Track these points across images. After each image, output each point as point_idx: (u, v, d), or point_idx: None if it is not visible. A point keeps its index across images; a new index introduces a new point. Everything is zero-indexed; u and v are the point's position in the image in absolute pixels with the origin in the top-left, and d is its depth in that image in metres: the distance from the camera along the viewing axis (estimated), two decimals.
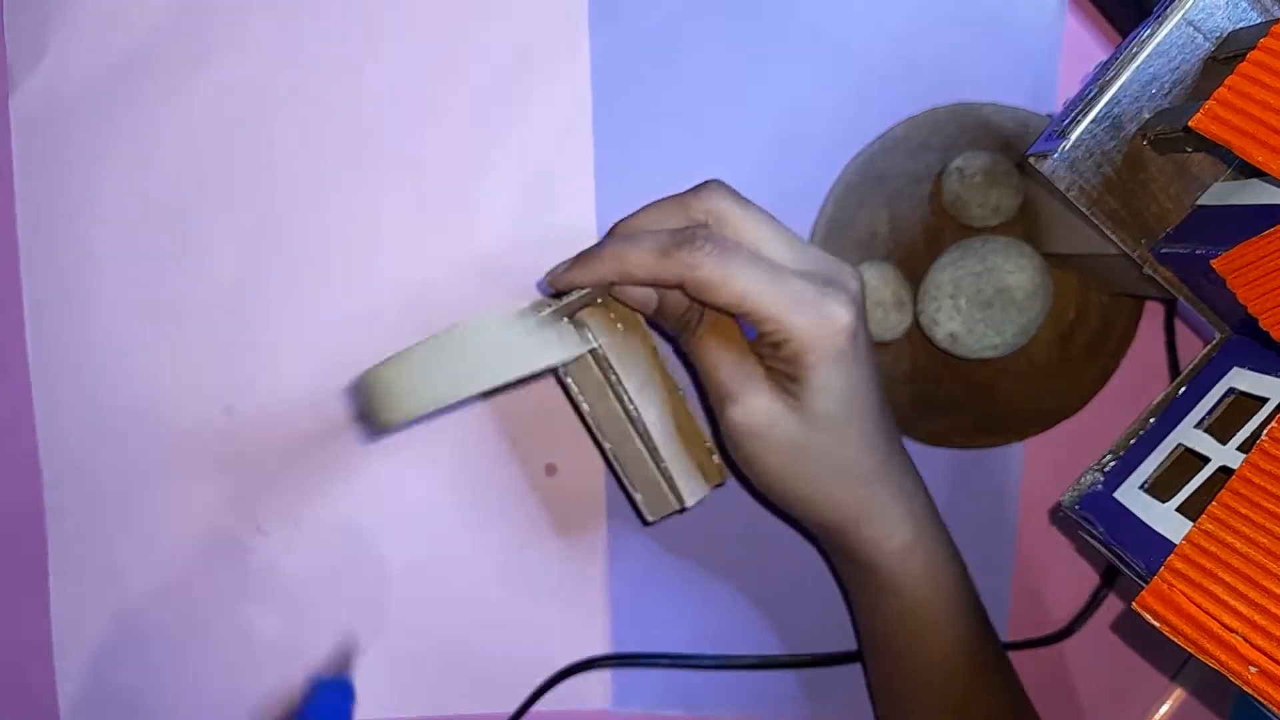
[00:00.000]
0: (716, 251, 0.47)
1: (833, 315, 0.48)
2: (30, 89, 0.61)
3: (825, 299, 0.48)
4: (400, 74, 0.62)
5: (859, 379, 0.51)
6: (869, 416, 0.52)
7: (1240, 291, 0.42)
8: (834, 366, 0.49)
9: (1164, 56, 0.48)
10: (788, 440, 0.51)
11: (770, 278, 0.48)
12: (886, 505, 0.54)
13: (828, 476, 0.52)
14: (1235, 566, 0.39)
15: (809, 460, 0.52)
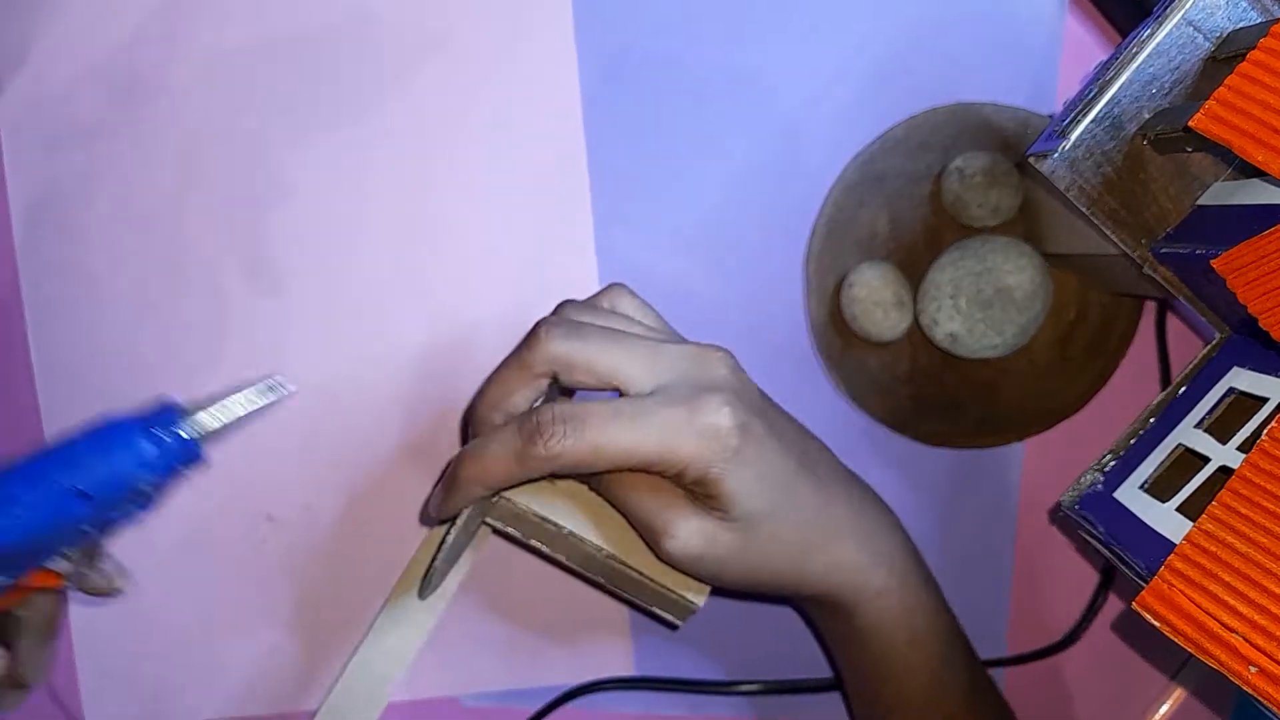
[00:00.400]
0: (571, 430, 0.45)
1: (713, 428, 0.46)
2: (16, 92, 0.61)
3: (697, 413, 0.46)
4: (390, 73, 0.62)
5: (772, 459, 0.49)
6: (802, 483, 0.51)
7: (1240, 291, 0.42)
8: (739, 469, 0.47)
9: (1164, 56, 0.48)
10: (732, 550, 0.50)
11: (634, 424, 0.46)
12: (853, 558, 0.53)
13: (787, 559, 0.51)
14: (1235, 566, 0.39)
15: (762, 555, 0.51)
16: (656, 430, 0.46)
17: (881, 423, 0.64)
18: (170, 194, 0.62)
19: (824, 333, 0.63)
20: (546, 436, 0.45)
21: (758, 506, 0.49)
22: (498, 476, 0.48)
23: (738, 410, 0.47)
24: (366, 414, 0.63)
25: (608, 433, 0.46)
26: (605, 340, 0.48)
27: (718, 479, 0.47)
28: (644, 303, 0.55)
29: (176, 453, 0.47)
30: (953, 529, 0.66)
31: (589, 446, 0.46)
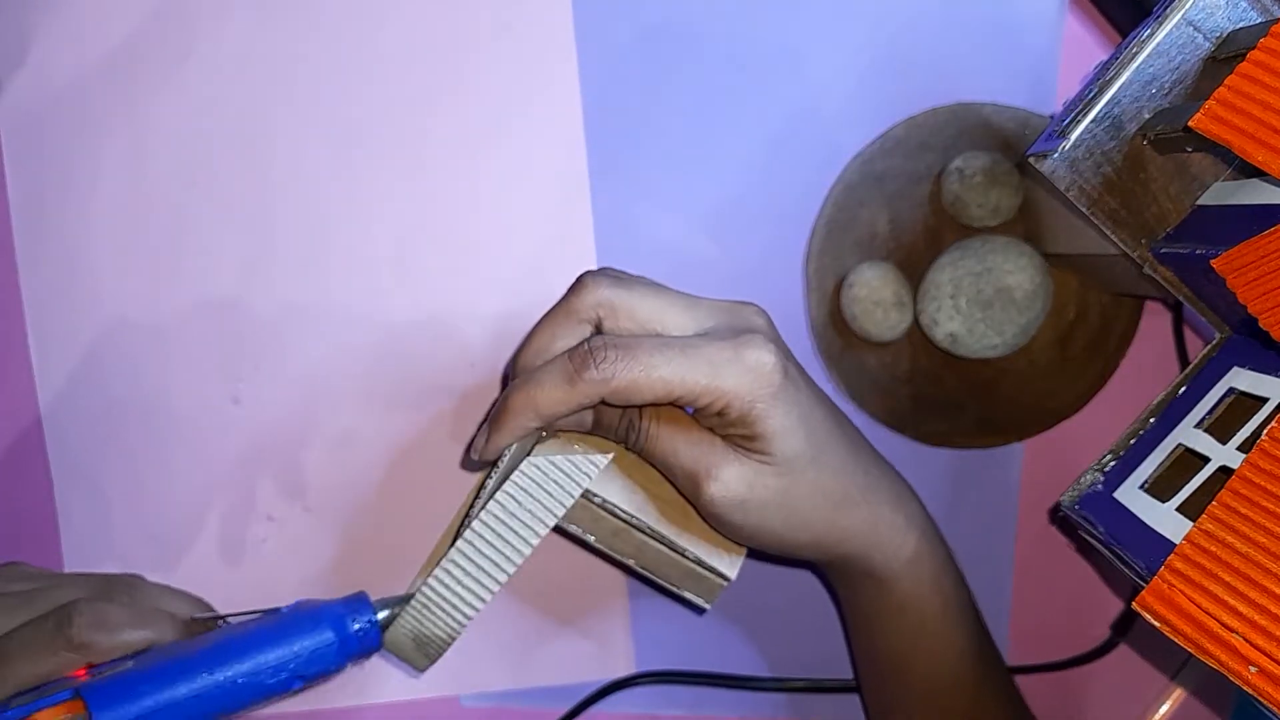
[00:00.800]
0: (621, 356, 0.46)
1: (758, 363, 0.47)
2: (16, 89, 0.61)
3: (743, 350, 0.47)
4: (389, 64, 0.62)
5: (810, 406, 0.50)
6: (837, 437, 0.52)
7: (1240, 291, 0.42)
8: (782, 407, 0.48)
9: (1164, 56, 0.48)
10: (774, 496, 0.50)
11: (683, 355, 0.47)
12: (890, 518, 0.54)
13: (829, 511, 0.52)
14: (1235, 566, 0.39)
15: (804, 505, 0.51)
16: (705, 362, 0.47)
17: (881, 423, 0.64)
18: (170, 191, 0.62)
19: (824, 332, 0.63)
20: (599, 360, 0.46)
21: (799, 448, 0.49)
22: (550, 403, 0.48)
23: (779, 352, 0.48)
24: (366, 412, 0.63)
25: (657, 360, 0.46)
26: (648, 288, 0.50)
27: (762, 415, 0.48)
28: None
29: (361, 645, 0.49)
30: (953, 529, 0.66)
31: (640, 371, 0.46)
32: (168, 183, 0.62)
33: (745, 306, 0.51)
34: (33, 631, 0.46)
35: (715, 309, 0.50)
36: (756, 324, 0.50)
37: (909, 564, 0.55)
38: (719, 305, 0.51)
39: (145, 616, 0.48)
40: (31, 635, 0.46)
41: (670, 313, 0.49)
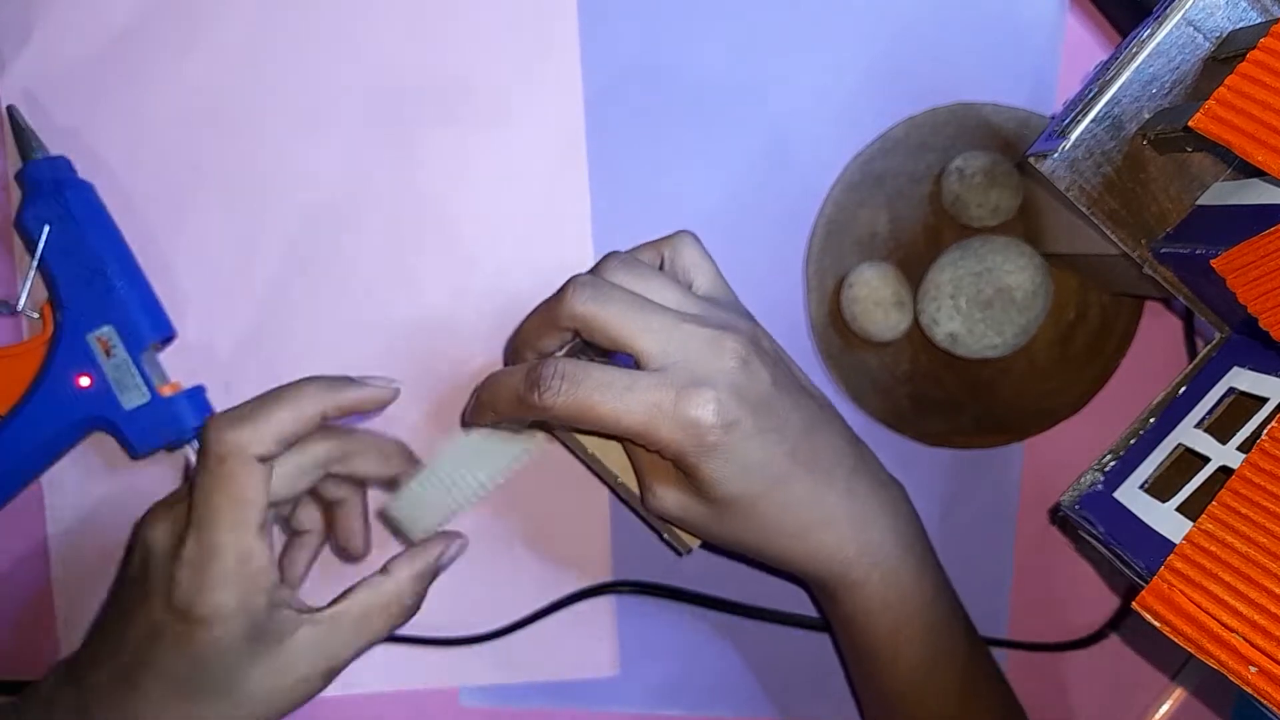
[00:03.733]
0: (566, 388, 0.48)
1: (695, 420, 0.48)
2: (19, 72, 0.61)
3: (683, 404, 0.48)
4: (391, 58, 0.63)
5: (757, 453, 0.50)
6: (798, 473, 0.51)
7: (1240, 291, 0.42)
8: (716, 460, 0.49)
9: (1164, 56, 0.49)
10: (713, 525, 0.52)
11: (623, 398, 0.48)
12: (840, 548, 0.53)
13: (783, 539, 0.53)
14: (1235, 566, 0.39)
15: (750, 535, 0.53)
16: (641, 409, 0.48)
17: (881, 422, 0.64)
18: (171, 176, 0.62)
19: (824, 332, 0.63)
20: (543, 389, 0.48)
21: (734, 494, 0.50)
22: (503, 411, 0.52)
23: (727, 408, 0.48)
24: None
25: (595, 399, 0.48)
26: (625, 309, 0.50)
27: (693, 466, 0.49)
28: (704, 256, 0.56)
29: None
30: (953, 528, 0.66)
31: (578, 407, 0.48)
32: (170, 169, 0.62)
33: (724, 341, 0.50)
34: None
35: (690, 339, 0.49)
36: (723, 368, 0.49)
37: (851, 588, 0.54)
38: (698, 335, 0.50)
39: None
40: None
41: (642, 339, 0.49)
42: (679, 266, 0.55)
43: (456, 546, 0.57)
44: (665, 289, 0.52)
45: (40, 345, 0.58)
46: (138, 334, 0.58)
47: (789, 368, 0.55)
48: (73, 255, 0.58)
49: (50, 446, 0.59)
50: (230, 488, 0.49)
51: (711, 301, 0.54)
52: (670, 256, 0.55)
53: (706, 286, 0.55)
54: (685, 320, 0.50)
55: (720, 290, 0.55)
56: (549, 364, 0.49)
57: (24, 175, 0.58)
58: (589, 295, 0.50)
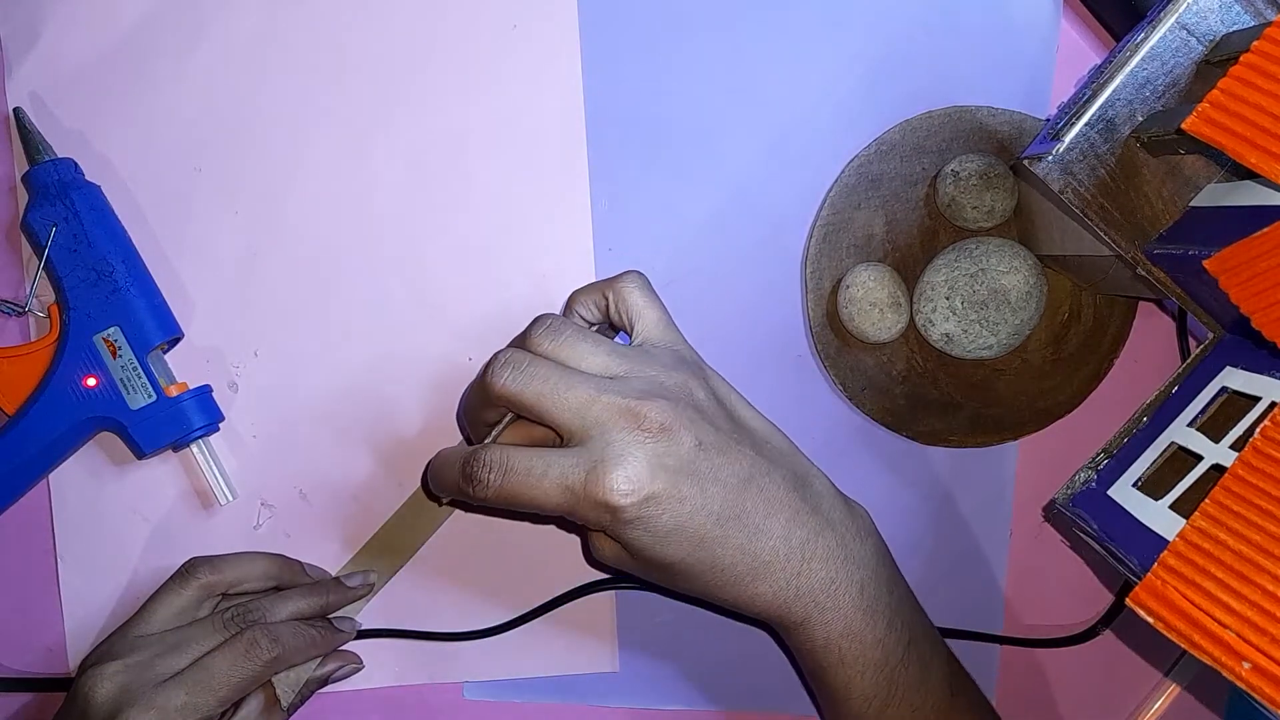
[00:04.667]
0: (494, 478, 0.50)
1: (601, 502, 0.49)
2: (26, 75, 0.61)
3: (592, 485, 0.49)
4: (395, 60, 0.63)
5: (680, 519, 0.50)
6: (720, 534, 0.51)
7: (1232, 291, 0.42)
8: (635, 529, 0.50)
9: (1158, 60, 0.49)
10: (651, 577, 0.55)
11: (540, 485, 0.50)
12: (776, 594, 0.53)
13: (721, 588, 0.53)
14: (1228, 563, 0.39)
15: (685, 584, 0.53)
16: (557, 493, 0.50)
17: (878, 422, 0.65)
18: (177, 179, 0.62)
19: (821, 333, 0.63)
20: (475, 482, 0.51)
21: (660, 557, 0.51)
22: (449, 493, 0.54)
23: (640, 483, 0.49)
24: (363, 403, 0.64)
25: (519, 487, 0.50)
26: (543, 387, 0.51)
27: (617, 536, 0.51)
28: (648, 299, 0.56)
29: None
30: (948, 527, 0.67)
31: (506, 496, 0.51)
32: (176, 170, 0.62)
33: (644, 410, 0.50)
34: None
35: (607, 412, 0.50)
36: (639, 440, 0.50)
37: (793, 629, 0.54)
38: (614, 408, 0.50)
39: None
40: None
41: (560, 416, 0.51)
42: (621, 310, 0.56)
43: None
44: (592, 354, 0.53)
45: (47, 346, 0.58)
46: (144, 335, 0.59)
47: (729, 414, 0.55)
48: (79, 257, 0.58)
49: (57, 446, 0.59)
50: None
51: (646, 352, 0.54)
52: (613, 300, 0.56)
53: (646, 331, 0.55)
54: (605, 391, 0.50)
55: (660, 334, 0.56)
56: (478, 456, 0.51)
57: (31, 177, 0.59)
58: (509, 376, 0.51)
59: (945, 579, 0.67)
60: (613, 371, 0.52)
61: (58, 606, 0.63)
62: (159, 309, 0.60)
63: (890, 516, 0.66)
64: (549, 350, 0.53)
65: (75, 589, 0.63)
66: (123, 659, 0.54)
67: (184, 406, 0.60)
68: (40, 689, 0.64)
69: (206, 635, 0.56)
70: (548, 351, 0.53)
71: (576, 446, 0.50)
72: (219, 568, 0.59)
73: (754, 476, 0.52)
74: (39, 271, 0.59)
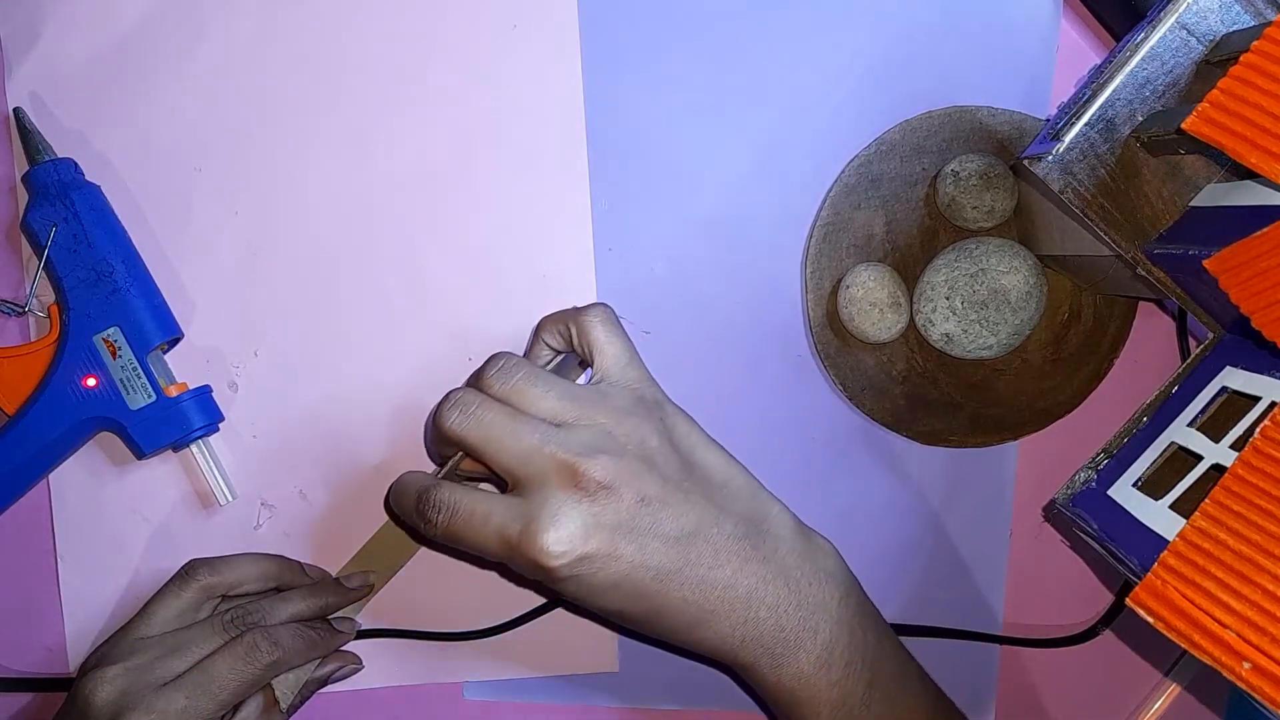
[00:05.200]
0: (442, 519, 0.51)
1: (535, 560, 0.49)
2: (26, 75, 0.62)
3: (526, 543, 0.49)
4: (395, 60, 0.63)
5: (616, 576, 0.50)
6: (660, 587, 0.51)
7: (1232, 291, 0.42)
8: (569, 586, 0.51)
9: (1158, 60, 0.49)
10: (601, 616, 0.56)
11: (482, 531, 0.51)
12: (722, 639, 0.53)
13: (672, 634, 0.53)
14: (1228, 563, 0.39)
15: (638, 627, 0.54)
16: (496, 543, 0.51)
17: (878, 422, 0.65)
18: (177, 179, 0.63)
19: (821, 333, 0.64)
20: (426, 521, 0.52)
21: (597, 608, 0.52)
22: (407, 520, 0.54)
23: (573, 544, 0.49)
24: (363, 402, 0.64)
25: (463, 530, 0.51)
26: (489, 433, 0.51)
27: (551, 588, 0.52)
28: (611, 334, 0.56)
29: None
30: (948, 527, 0.67)
31: (453, 537, 0.52)
32: (175, 172, 0.62)
33: (582, 468, 0.50)
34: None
35: (550, 466, 0.50)
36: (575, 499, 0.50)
37: (743, 669, 0.54)
38: (557, 462, 0.50)
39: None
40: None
41: (505, 463, 0.51)
42: (582, 344, 0.56)
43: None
44: (542, 398, 0.53)
45: (47, 346, 0.58)
46: (144, 335, 0.59)
47: (683, 460, 0.54)
48: (79, 257, 0.58)
49: (57, 446, 0.59)
50: None
51: (602, 394, 0.54)
52: (576, 333, 0.56)
53: (605, 368, 0.55)
54: (549, 442, 0.51)
55: (620, 373, 0.55)
56: (428, 496, 0.52)
57: (31, 177, 0.59)
58: (456, 418, 0.52)
59: (945, 579, 0.67)
60: (562, 418, 0.52)
61: (58, 607, 0.63)
62: (159, 309, 0.60)
63: (890, 516, 0.66)
64: (500, 392, 0.53)
65: (75, 589, 0.63)
66: (122, 662, 0.54)
67: (184, 407, 0.60)
68: (40, 689, 0.64)
69: (206, 638, 0.56)
70: (499, 393, 0.53)
71: (518, 497, 0.51)
72: (218, 569, 0.59)
73: (700, 528, 0.52)
74: (39, 271, 0.59)
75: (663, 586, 0.51)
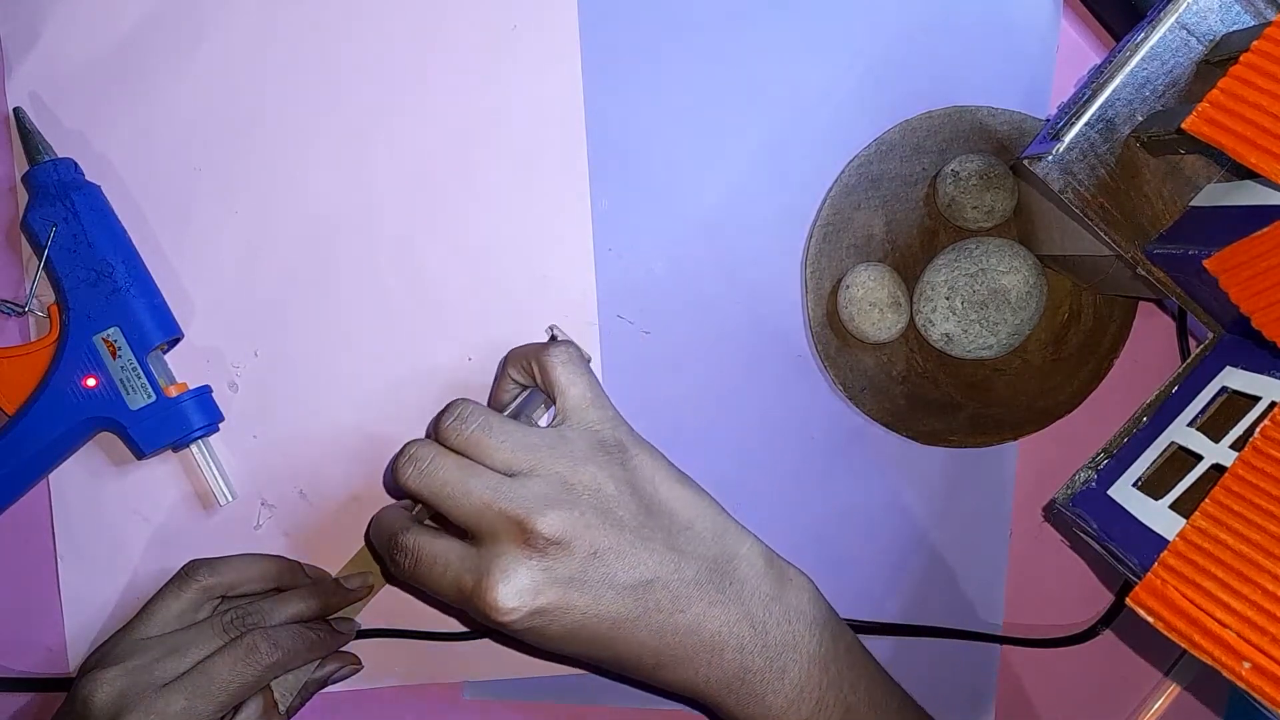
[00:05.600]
0: (407, 563, 0.53)
1: (488, 614, 0.50)
2: (26, 75, 0.62)
3: (478, 596, 0.50)
4: (395, 60, 0.63)
5: (568, 625, 0.51)
6: (625, 632, 0.51)
7: (1232, 291, 0.42)
8: (525, 635, 0.51)
9: (1158, 60, 0.49)
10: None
11: (442, 578, 0.52)
12: (683, 679, 0.53)
13: (635, 675, 0.54)
14: (1228, 563, 0.39)
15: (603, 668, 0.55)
16: (453, 593, 0.51)
17: (878, 421, 0.65)
18: (177, 178, 0.62)
19: (821, 333, 0.64)
20: (394, 561, 0.53)
21: (556, 652, 0.53)
22: (383, 554, 0.55)
23: (524, 599, 0.50)
24: (363, 401, 0.64)
25: (424, 576, 0.52)
26: (443, 488, 0.52)
27: (512, 635, 0.52)
28: (574, 374, 0.56)
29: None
30: (948, 526, 0.67)
31: (416, 580, 0.53)
32: (174, 172, 0.62)
33: (537, 522, 0.50)
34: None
35: (501, 522, 0.50)
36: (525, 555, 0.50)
37: (706, 701, 0.54)
38: (507, 518, 0.50)
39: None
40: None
41: (461, 514, 0.52)
42: (544, 384, 0.56)
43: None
44: (497, 450, 0.52)
45: (47, 346, 0.58)
46: (144, 335, 0.59)
47: (644, 504, 0.54)
48: (79, 257, 0.58)
49: (57, 446, 0.59)
50: None
51: (562, 438, 0.53)
52: (538, 372, 0.56)
53: (566, 410, 0.55)
54: (501, 497, 0.51)
55: (580, 415, 0.55)
56: (399, 538, 0.53)
57: (31, 177, 0.59)
58: (411, 473, 0.52)
59: (945, 579, 0.67)
60: (517, 468, 0.52)
61: (58, 607, 0.63)
62: (159, 309, 0.60)
63: (890, 516, 0.66)
64: (456, 443, 0.53)
65: (75, 589, 0.63)
66: (122, 663, 0.54)
67: (184, 407, 0.60)
68: (40, 689, 0.64)
69: (206, 639, 0.56)
70: (454, 444, 0.53)
71: (475, 548, 0.51)
72: (218, 570, 0.59)
73: (659, 574, 0.52)
74: (39, 271, 0.59)
75: (621, 633, 0.51)
